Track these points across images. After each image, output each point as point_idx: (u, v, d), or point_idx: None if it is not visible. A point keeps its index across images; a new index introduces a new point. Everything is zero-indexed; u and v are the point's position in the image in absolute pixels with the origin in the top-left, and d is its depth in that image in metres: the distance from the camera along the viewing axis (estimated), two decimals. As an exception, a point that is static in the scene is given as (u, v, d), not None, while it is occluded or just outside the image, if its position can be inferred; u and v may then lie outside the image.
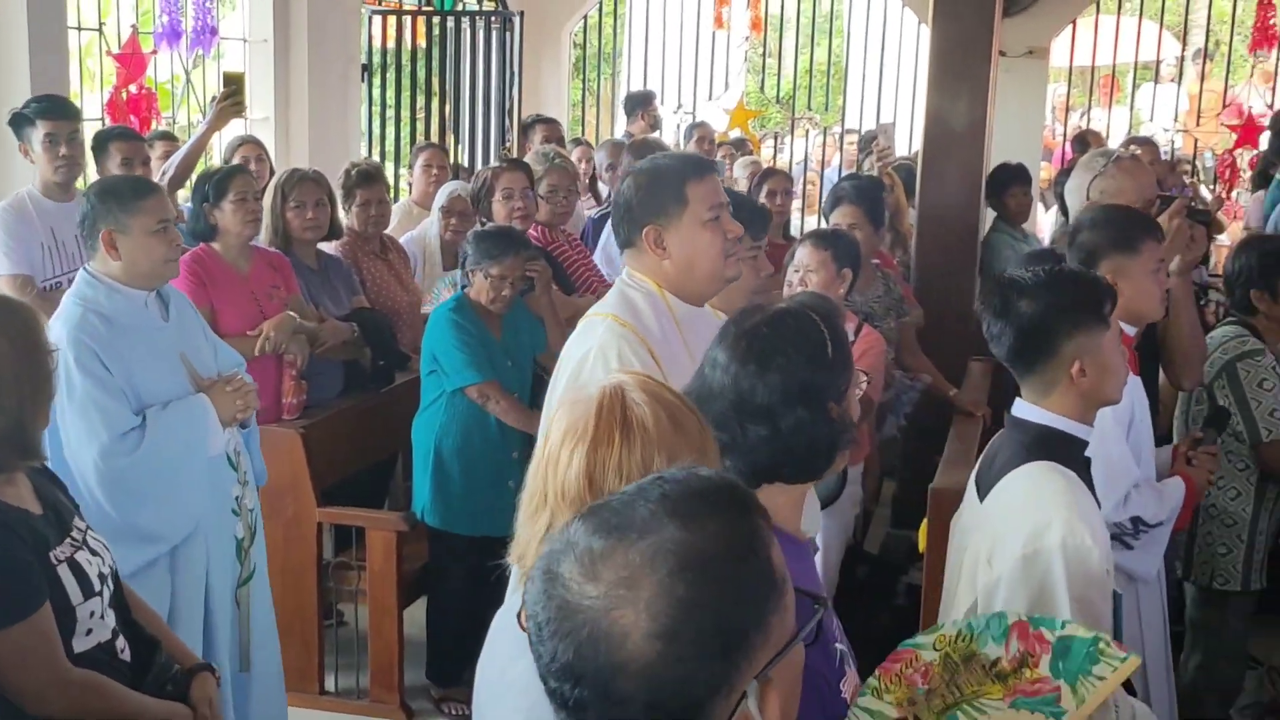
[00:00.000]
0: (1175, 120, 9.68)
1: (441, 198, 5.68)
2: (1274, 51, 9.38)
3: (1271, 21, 9.00)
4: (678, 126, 9.78)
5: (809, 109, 10.47)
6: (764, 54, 10.54)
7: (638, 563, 1.11)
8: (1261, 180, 8.17)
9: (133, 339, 3.43)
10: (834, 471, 2.05)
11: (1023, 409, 2.60)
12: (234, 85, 5.55)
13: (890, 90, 9.50)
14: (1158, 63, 10.31)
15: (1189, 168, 9.42)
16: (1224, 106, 9.61)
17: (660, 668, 1.08)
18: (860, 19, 9.85)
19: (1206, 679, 3.96)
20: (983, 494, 2.57)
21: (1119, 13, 9.80)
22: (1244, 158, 9.06)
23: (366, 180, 5.27)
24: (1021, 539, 2.33)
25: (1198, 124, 9.60)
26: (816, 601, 1.22)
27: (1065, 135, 9.99)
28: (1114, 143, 8.57)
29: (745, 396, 1.91)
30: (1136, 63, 10.01)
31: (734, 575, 1.12)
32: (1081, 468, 2.53)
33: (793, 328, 1.98)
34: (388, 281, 5.30)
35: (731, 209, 2.85)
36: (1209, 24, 9.86)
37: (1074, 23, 9.57)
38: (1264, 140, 8.64)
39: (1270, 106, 9.50)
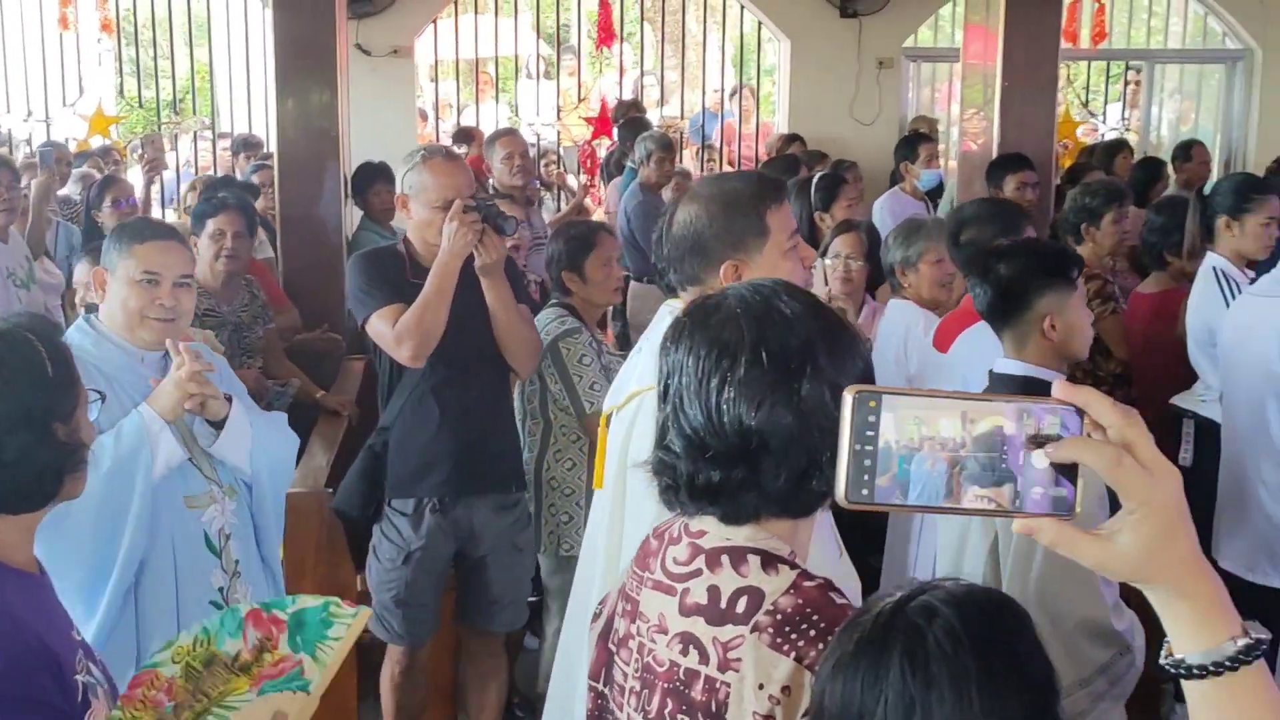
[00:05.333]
0: (538, 115, 10.22)
1: None
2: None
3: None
4: (30, 136, 9.04)
5: (174, 113, 10.02)
6: (118, 56, 9.96)
7: None
8: (617, 169, 8.80)
9: (117, 395, 2.97)
10: (67, 496, 1.92)
11: (1004, 365, 2.97)
12: None
13: (260, 92, 9.29)
14: (516, 58, 10.80)
15: (555, 158, 9.96)
16: (580, 100, 10.27)
17: None
18: (223, 20, 9.52)
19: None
20: None
21: (476, 11, 10.17)
22: (602, 148, 9.71)
23: None
24: None
25: (557, 118, 10.17)
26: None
27: (437, 131, 10.25)
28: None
29: None
30: (497, 58, 10.43)
31: None
32: None
33: (3, 350, 1.84)
34: None
35: None
36: (559, 22, 10.47)
37: (435, 21, 9.81)
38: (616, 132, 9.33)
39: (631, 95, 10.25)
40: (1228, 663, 1.05)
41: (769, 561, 1.58)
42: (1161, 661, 1.10)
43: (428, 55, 10.13)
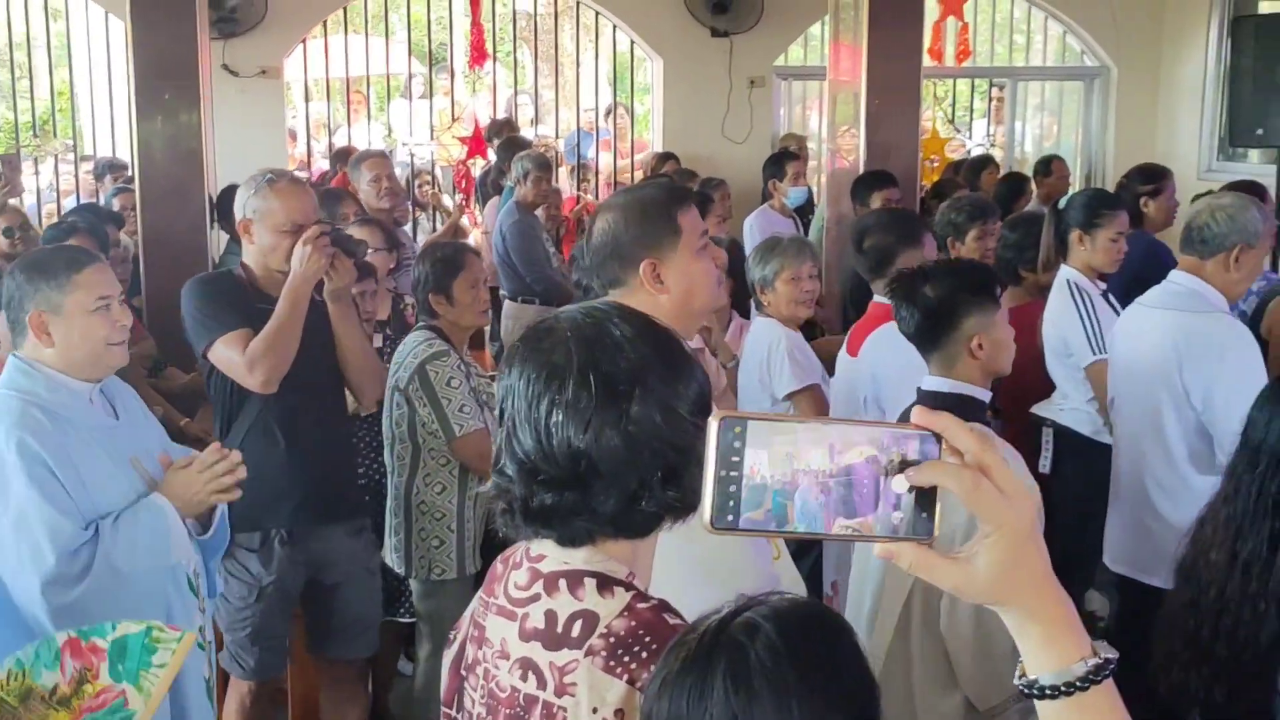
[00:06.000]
0: (411, 134, 10.13)
1: None
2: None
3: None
4: (-120, 160, 8.69)
5: (35, 135, 9.74)
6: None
7: None
8: (494, 188, 8.77)
9: (81, 439, 2.87)
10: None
11: (932, 382, 3.01)
12: None
13: (124, 114, 9.08)
14: (387, 78, 10.73)
15: (431, 178, 9.90)
16: (454, 120, 10.21)
17: None
18: (84, 40, 9.27)
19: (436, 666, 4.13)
20: None
21: (347, 31, 10.06)
22: (477, 167, 9.66)
23: None
24: None
25: (431, 138, 10.09)
26: None
27: (309, 151, 10.11)
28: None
29: None
30: (369, 78, 10.32)
31: None
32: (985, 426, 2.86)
33: None
34: None
35: None
36: (430, 41, 10.40)
37: (304, 42, 9.69)
38: (492, 152, 9.30)
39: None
40: (1078, 683, 1.08)
41: (605, 584, 1.58)
42: (1015, 682, 1.12)
43: (298, 75, 10.00)
